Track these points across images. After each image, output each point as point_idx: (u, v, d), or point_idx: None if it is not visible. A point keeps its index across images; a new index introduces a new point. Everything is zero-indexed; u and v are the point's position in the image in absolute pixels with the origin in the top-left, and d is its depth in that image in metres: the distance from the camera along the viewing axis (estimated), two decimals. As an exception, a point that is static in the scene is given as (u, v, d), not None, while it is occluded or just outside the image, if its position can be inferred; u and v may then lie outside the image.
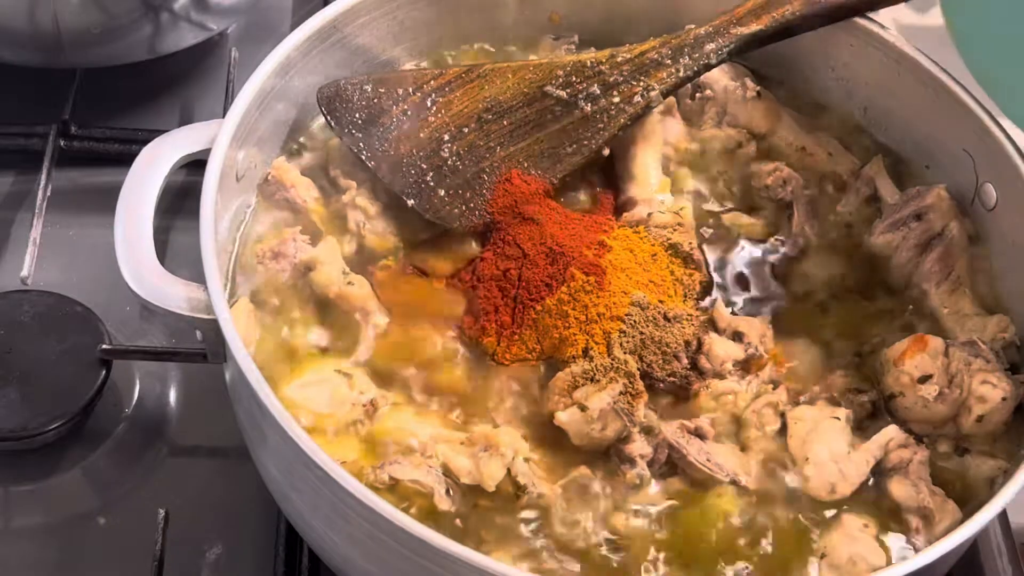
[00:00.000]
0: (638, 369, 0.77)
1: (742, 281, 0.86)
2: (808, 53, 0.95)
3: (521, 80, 0.89)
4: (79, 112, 1.06)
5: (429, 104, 0.87)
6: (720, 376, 0.80)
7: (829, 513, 0.74)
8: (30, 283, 0.92)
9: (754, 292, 0.86)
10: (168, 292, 0.74)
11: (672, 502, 0.74)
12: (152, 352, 0.91)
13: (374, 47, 0.91)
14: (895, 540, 0.74)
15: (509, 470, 0.72)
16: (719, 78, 0.93)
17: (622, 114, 0.88)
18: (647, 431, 0.75)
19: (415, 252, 0.84)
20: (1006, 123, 0.86)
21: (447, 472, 0.72)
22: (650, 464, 0.75)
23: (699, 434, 0.76)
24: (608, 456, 0.75)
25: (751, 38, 0.90)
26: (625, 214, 0.86)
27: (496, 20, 0.96)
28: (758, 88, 0.93)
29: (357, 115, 0.86)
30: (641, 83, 0.88)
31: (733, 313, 0.83)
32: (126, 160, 0.80)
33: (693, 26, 0.90)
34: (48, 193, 1.00)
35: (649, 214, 0.85)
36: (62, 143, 1.04)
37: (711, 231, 0.88)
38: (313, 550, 0.81)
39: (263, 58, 0.83)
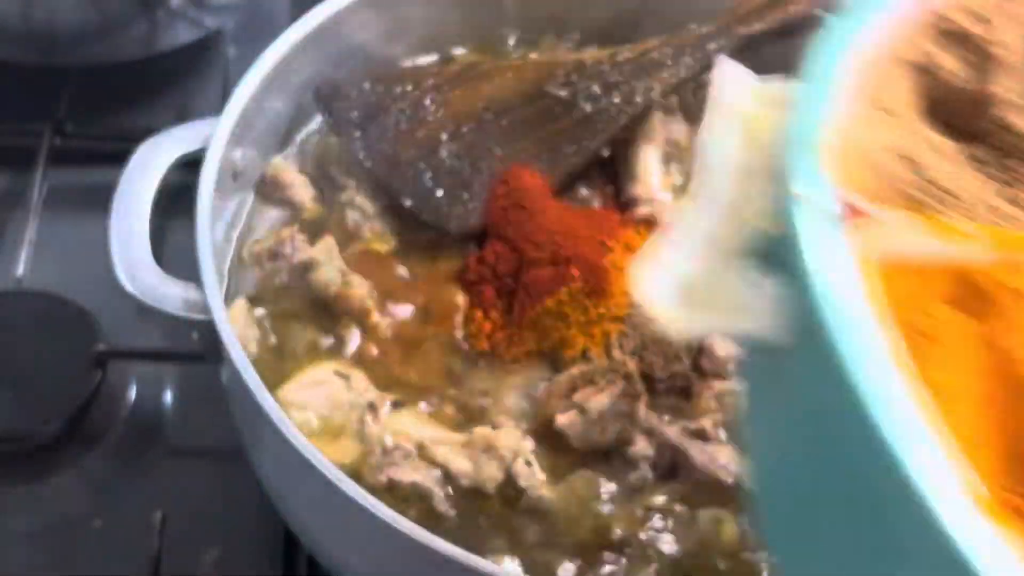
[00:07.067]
0: (639, 370, 0.76)
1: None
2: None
3: (521, 79, 0.88)
4: (74, 110, 1.05)
5: (428, 103, 0.87)
6: (722, 377, 0.79)
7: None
8: (25, 283, 0.92)
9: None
10: (163, 292, 0.73)
11: (675, 504, 0.73)
12: (148, 353, 0.90)
13: (372, 44, 0.91)
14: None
15: (509, 472, 0.72)
16: (720, 76, 0.93)
17: (623, 114, 0.87)
18: (649, 433, 0.75)
19: (414, 251, 0.84)
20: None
21: (447, 474, 0.72)
22: (652, 466, 0.74)
23: (701, 436, 0.76)
24: (610, 458, 0.74)
25: (755, 37, 0.89)
26: (627, 213, 0.86)
27: (496, 18, 0.95)
28: (759, 86, 0.93)
29: (355, 113, 0.85)
30: (642, 83, 0.87)
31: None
32: (121, 159, 0.80)
33: (695, 25, 0.90)
34: (43, 192, 0.99)
35: (651, 213, 0.85)
36: (57, 141, 1.03)
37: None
38: (311, 553, 0.81)
39: (260, 56, 0.83)
